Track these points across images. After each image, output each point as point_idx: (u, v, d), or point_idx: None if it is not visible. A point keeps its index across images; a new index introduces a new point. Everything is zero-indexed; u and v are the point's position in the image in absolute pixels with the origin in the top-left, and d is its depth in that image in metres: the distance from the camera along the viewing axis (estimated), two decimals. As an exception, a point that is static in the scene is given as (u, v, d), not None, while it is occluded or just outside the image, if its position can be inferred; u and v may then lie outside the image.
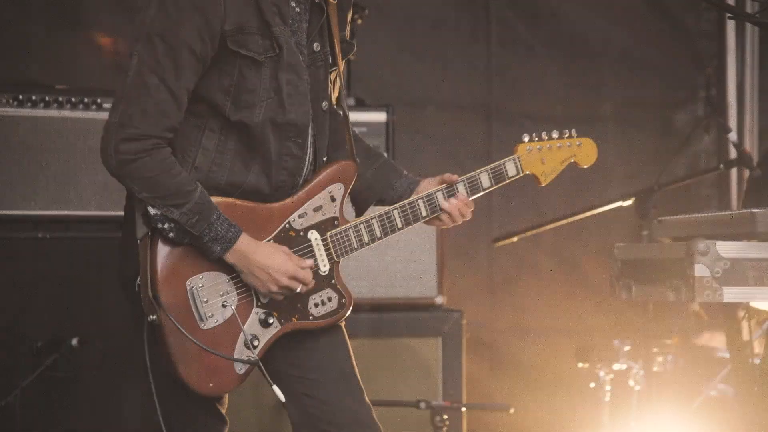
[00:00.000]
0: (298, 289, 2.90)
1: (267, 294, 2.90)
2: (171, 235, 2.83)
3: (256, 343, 2.90)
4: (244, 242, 2.87)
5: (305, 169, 2.98)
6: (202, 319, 2.86)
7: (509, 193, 5.39)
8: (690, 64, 5.76)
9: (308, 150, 2.98)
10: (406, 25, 5.28)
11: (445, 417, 4.30)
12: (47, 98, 4.26)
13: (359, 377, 3.04)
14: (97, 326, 4.20)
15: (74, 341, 4.12)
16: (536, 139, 3.16)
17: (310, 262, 2.94)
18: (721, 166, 4.39)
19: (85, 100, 4.28)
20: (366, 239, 3.01)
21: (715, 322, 4.89)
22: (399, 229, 3.03)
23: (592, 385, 4.66)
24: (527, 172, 3.15)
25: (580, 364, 4.67)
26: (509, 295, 5.47)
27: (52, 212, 4.26)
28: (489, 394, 5.21)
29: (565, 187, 5.47)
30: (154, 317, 2.82)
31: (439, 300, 4.59)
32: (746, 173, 4.63)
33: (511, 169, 3.13)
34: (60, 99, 4.27)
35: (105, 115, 2.90)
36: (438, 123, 5.40)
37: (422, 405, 4.26)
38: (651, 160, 5.44)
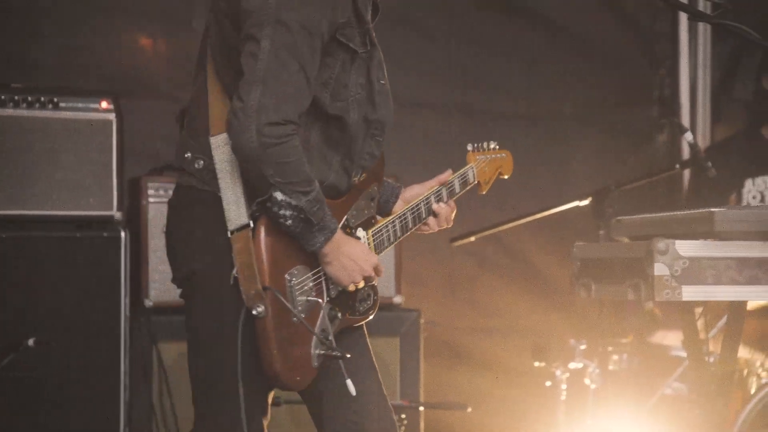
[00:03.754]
0: (376, 281, 2.98)
1: (348, 284, 2.94)
2: (288, 222, 2.82)
3: (329, 336, 2.92)
4: (339, 233, 2.90)
5: None
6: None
7: (468, 193, 5.42)
8: (646, 64, 5.82)
9: None
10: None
11: (403, 416, 4.31)
12: (2, 97, 4.21)
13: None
14: (55, 326, 4.18)
15: (31, 341, 4.09)
16: (479, 149, 3.29)
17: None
18: (677, 166, 4.43)
19: (42, 99, 4.24)
20: (392, 237, 3.10)
21: (670, 321, 4.94)
22: (410, 230, 3.14)
23: (548, 383, 4.69)
24: (477, 180, 3.29)
25: (537, 363, 4.70)
26: (468, 294, 5.49)
27: (8, 212, 4.22)
28: (447, 393, 5.23)
29: (524, 186, 5.51)
30: (261, 309, 2.80)
31: (397, 300, 4.60)
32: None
33: (471, 177, 3.27)
34: (16, 98, 4.22)
35: (63, 114, 2.87)
36: (400, 122, 5.39)
37: (380, 404, 4.26)
38: (608, 160, 5.48)
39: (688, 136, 4.33)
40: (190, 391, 3.02)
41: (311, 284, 2.91)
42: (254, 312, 2.81)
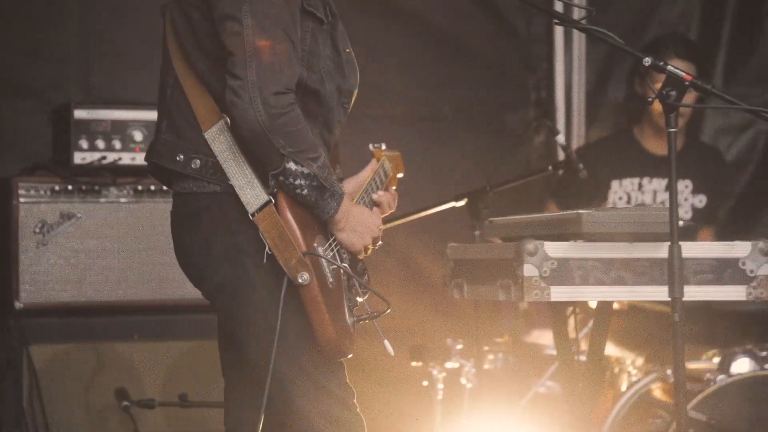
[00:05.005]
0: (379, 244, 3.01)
1: (361, 249, 2.97)
2: (305, 192, 2.81)
3: (356, 304, 2.97)
4: (346, 198, 2.92)
5: None
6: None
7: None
8: (523, 67, 5.89)
9: None
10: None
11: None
12: None
13: None
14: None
15: None
16: (378, 148, 3.31)
17: None
18: (550, 167, 4.49)
19: None
20: None
21: (544, 321, 5.00)
22: None
23: (425, 383, 4.72)
24: (391, 174, 3.31)
25: (414, 363, 4.72)
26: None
27: None
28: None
29: (403, 187, 5.52)
30: (306, 276, 2.79)
31: (275, 299, 4.58)
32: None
33: (388, 170, 3.29)
34: None
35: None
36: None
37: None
38: (485, 161, 5.53)
39: (560, 138, 4.39)
40: (62, 393, 2.97)
41: (331, 254, 2.92)
42: (300, 280, 2.80)
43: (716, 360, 4.47)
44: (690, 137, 5.31)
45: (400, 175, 3.42)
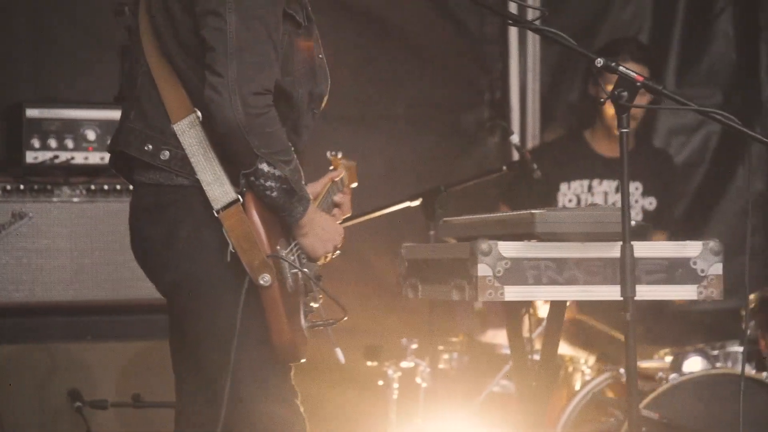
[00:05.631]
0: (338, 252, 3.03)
1: (323, 255, 2.98)
2: (274, 194, 2.81)
3: (313, 309, 2.98)
4: (312, 204, 2.93)
5: None
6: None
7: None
8: (476, 67, 5.90)
9: None
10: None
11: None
12: None
13: None
14: None
15: None
16: (335, 155, 3.36)
17: None
18: (505, 168, 4.51)
19: None
20: None
21: (498, 320, 5.02)
22: None
23: (381, 383, 4.72)
24: (347, 183, 3.36)
25: (369, 363, 4.73)
26: (301, 294, 5.48)
27: None
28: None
29: (357, 186, 5.52)
30: (268, 278, 2.79)
31: (230, 300, 4.56)
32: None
33: (345, 179, 3.33)
34: None
35: None
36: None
37: (211, 405, 4.23)
38: (439, 161, 5.55)
39: (514, 138, 4.42)
40: (14, 394, 2.95)
41: (292, 257, 2.92)
42: (261, 282, 2.80)
43: (668, 359, 4.52)
44: (640, 140, 5.35)
45: (354, 185, 3.45)
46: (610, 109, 2.98)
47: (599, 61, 2.90)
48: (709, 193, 5.89)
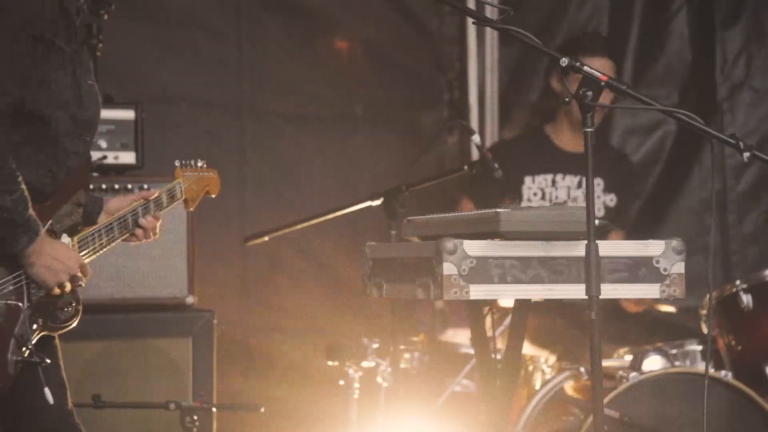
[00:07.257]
0: (83, 282, 2.91)
1: (54, 285, 2.87)
2: None
3: (29, 343, 2.83)
4: (43, 233, 2.84)
5: None
6: None
7: (262, 192, 5.40)
8: (434, 66, 5.91)
9: None
10: (156, 19, 5.19)
11: (195, 418, 4.26)
12: None
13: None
14: None
15: None
16: (187, 166, 3.33)
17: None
18: (465, 167, 4.52)
19: None
20: (97, 247, 3.03)
21: (459, 319, 5.03)
22: (116, 240, 3.09)
23: (342, 382, 4.72)
24: (184, 197, 3.29)
25: (330, 363, 4.72)
26: (263, 294, 5.46)
27: None
28: (242, 395, 5.19)
29: (317, 187, 5.53)
30: None
31: (190, 300, 4.54)
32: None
33: (178, 193, 3.26)
34: None
35: None
36: (190, 120, 5.34)
37: (172, 406, 4.21)
38: (399, 160, 5.54)
39: (476, 138, 4.41)
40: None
41: (11, 287, 2.84)
42: None
43: (628, 358, 4.55)
44: (599, 138, 5.36)
45: (213, 195, 3.42)
46: (575, 107, 2.98)
47: (564, 61, 2.91)
48: (665, 192, 5.93)
